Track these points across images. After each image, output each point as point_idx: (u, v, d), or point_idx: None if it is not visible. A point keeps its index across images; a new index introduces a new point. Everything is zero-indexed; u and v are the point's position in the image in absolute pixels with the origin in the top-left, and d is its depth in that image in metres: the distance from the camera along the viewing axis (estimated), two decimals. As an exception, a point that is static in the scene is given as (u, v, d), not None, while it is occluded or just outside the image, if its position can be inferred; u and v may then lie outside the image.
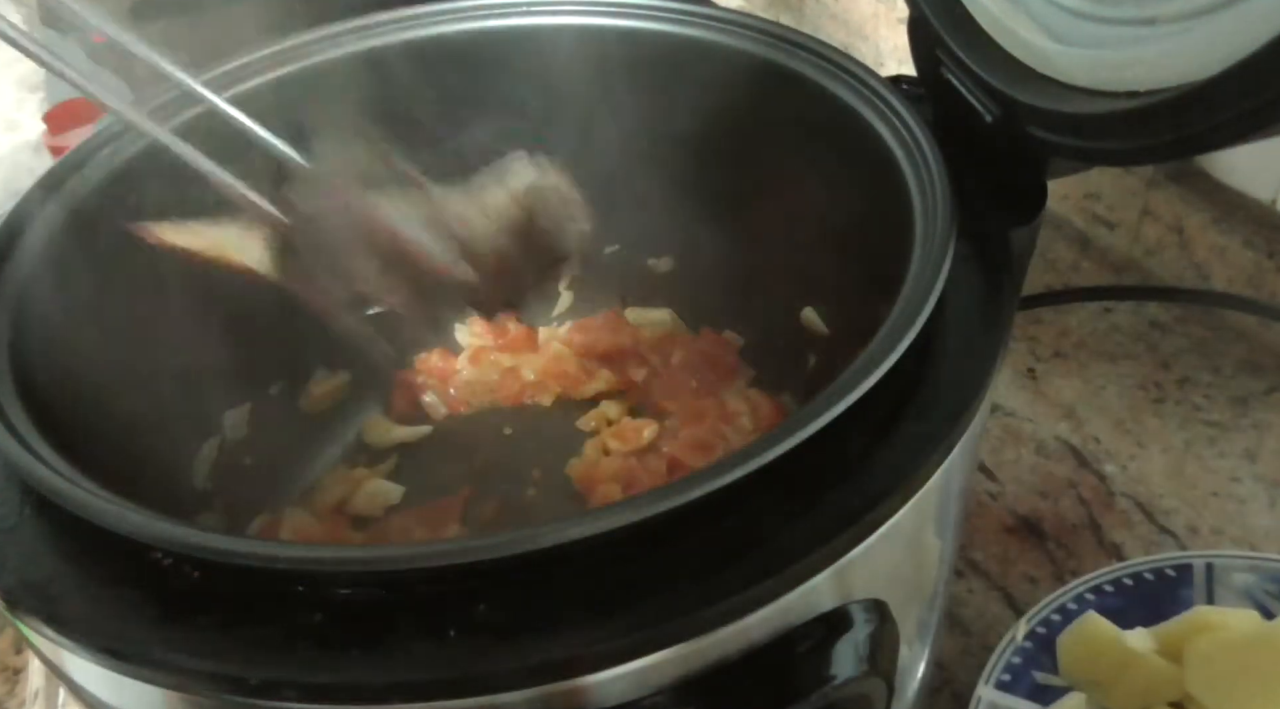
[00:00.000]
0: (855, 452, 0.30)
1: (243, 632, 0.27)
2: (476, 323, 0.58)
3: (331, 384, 0.55)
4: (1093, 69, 0.35)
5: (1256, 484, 0.61)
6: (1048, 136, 0.36)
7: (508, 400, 0.57)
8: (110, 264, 0.41)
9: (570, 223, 0.44)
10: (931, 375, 0.32)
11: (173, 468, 0.46)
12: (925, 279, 0.32)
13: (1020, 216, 0.38)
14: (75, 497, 0.28)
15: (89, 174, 0.41)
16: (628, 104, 0.50)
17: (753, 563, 0.27)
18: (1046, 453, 0.64)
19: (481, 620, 0.26)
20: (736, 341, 0.56)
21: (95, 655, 0.27)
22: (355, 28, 0.48)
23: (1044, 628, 0.49)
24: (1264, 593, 0.50)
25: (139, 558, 0.28)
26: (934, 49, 0.41)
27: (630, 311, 0.58)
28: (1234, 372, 0.68)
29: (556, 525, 0.26)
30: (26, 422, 0.31)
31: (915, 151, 0.38)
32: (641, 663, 0.26)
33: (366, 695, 0.26)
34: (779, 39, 0.45)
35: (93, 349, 0.39)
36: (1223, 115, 0.28)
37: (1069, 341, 0.71)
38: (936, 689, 0.52)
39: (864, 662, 0.29)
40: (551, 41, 0.49)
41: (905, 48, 0.44)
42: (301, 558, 0.26)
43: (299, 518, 0.50)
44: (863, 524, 0.28)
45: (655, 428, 0.53)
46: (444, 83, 0.50)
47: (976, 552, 0.58)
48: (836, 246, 0.46)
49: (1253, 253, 0.67)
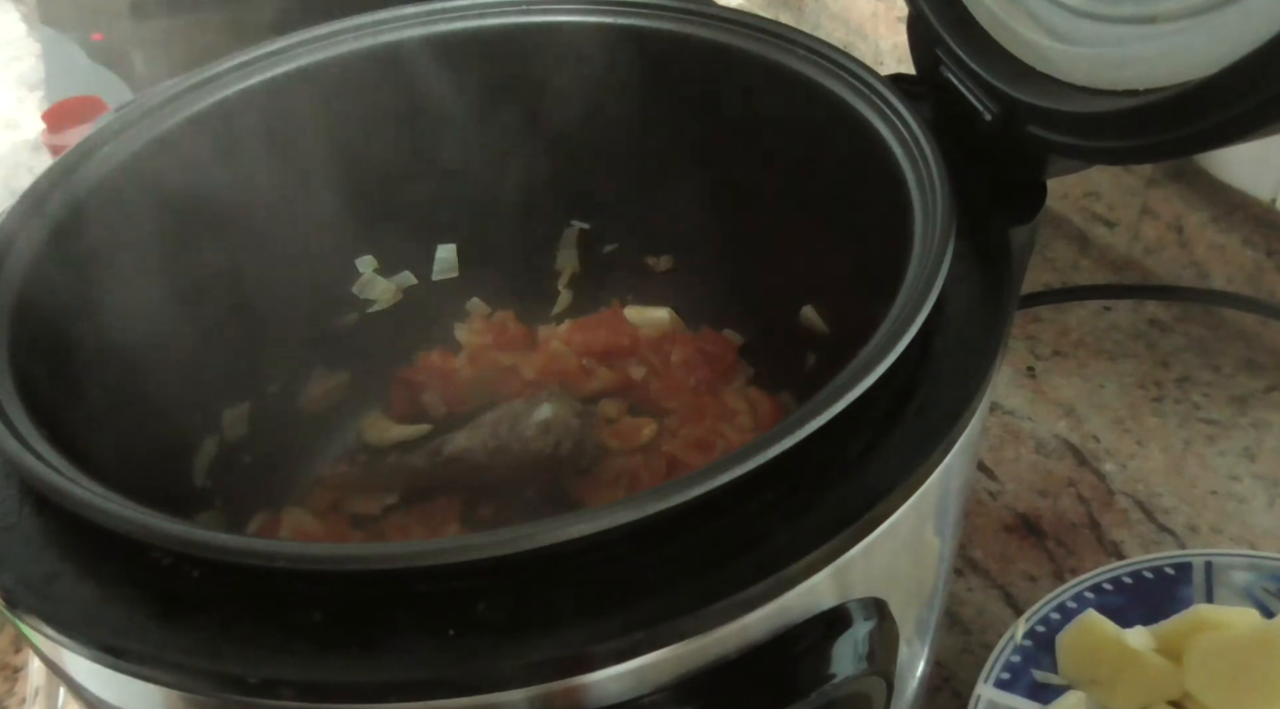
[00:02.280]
0: (855, 450, 0.30)
1: (242, 630, 0.27)
2: (476, 321, 0.58)
3: (331, 383, 0.55)
4: (1092, 67, 0.35)
5: (1256, 483, 0.61)
6: (1047, 135, 0.36)
7: (507, 399, 0.57)
8: (110, 263, 0.41)
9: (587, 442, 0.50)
10: (931, 374, 0.32)
11: (172, 466, 0.46)
12: (924, 277, 0.32)
13: (1019, 215, 0.38)
14: (75, 495, 0.28)
15: (89, 172, 0.41)
16: (626, 102, 0.50)
17: (752, 561, 0.27)
18: (1046, 451, 0.64)
19: (481, 619, 0.26)
20: (736, 340, 0.56)
21: (95, 654, 0.27)
22: (355, 27, 0.48)
23: (1043, 626, 0.49)
24: (1263, 591, 0.50)
25: (138, 557, 0.28)
26: (933, 47, 0.41)
27: (630, 310, 0.58)
28: (1233, 370, 0.68)
29: (555, 524, 0.26)
30: (26, 421, 0.31)
31: (914, 150, 0.38)
32: (641, 661, 0.26)
33: (365, 694, 0.26)
34: (778, 37, 0.45)
35: (92, 348, 0.39)
36: (1222, 114, 0.28)
37: (1068, 340, 0.71)
38: (936, 688, 0.52)
39: (863, 660, 0.29)
40: (550, 39, 0.49)
41: (905, 46, 0.44)
42: (301, 556, 0.26)
43: (298, 517, 0.50)
44: (862, 523, 0.28)
45: (654, 427, 0.53)
46: (444, 82, 0.50)
47: (976, 550, 0.58)
48: (836, 245, 0.46)
49: (1252, 251, 0.67)
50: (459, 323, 0.58)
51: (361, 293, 0.55)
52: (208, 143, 0.44)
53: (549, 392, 0.51)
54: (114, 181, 0.41)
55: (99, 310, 0.40)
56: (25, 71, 1.01)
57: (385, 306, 0.55)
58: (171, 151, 0.43)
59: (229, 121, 0.45)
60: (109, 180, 0.41)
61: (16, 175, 0.89)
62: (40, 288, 0.37)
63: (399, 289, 0.56)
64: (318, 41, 0.47)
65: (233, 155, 0.45)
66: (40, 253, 0.38)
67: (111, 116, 0.43)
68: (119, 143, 0.42)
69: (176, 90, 0.44)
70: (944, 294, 0.33)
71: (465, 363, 0.57)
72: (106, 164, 0.41)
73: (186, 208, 0.44)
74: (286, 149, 0.47)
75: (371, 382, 0.56)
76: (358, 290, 0.54)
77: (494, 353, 0.57)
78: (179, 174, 0.43)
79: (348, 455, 0.55)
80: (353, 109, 0.49)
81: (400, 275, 0.56)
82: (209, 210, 0.45)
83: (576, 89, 0.50)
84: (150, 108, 0.43)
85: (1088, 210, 0.78)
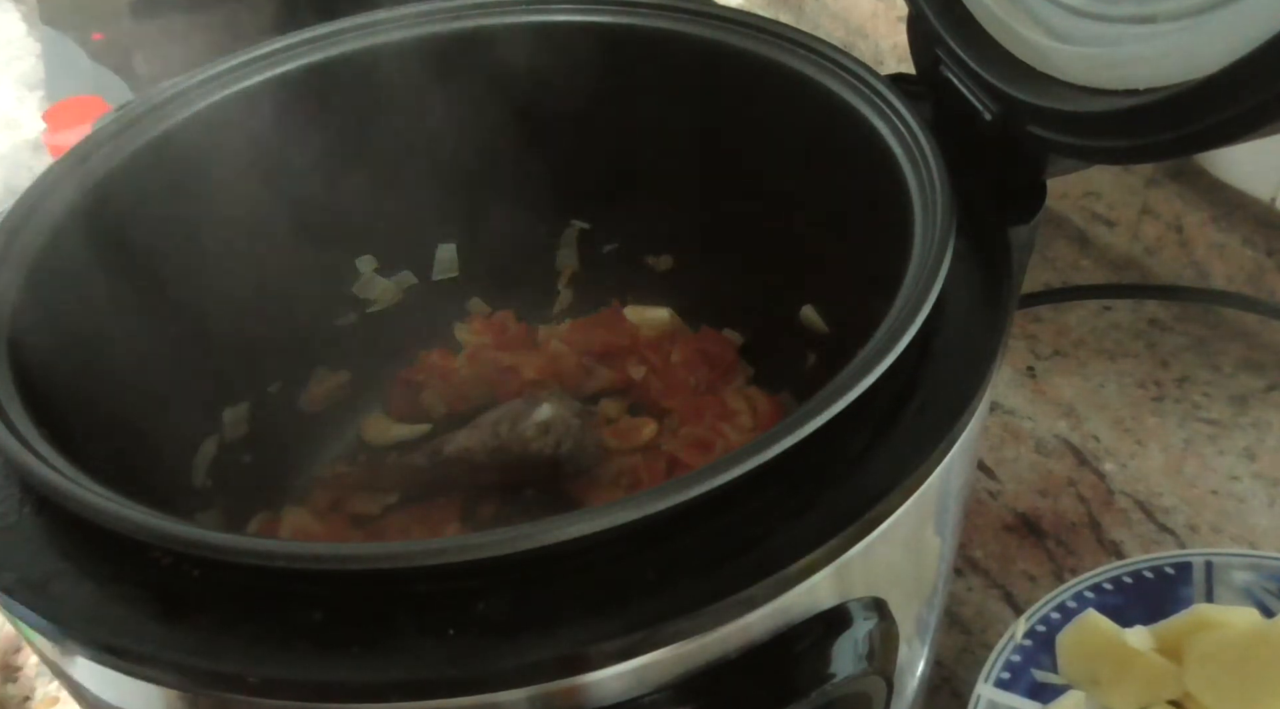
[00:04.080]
0: (854, 450, 0.30)
1: (242, 630, 0.27)
2: (476, 321, 0.58)
3: (331, 383, 0.55)
4: (1092, 67, 0.35)
5: (1256, 482, 0.61)
6: (1047, 134, 0.36)
7: (507, 399, 0.57)
8: (110, 263, 0.41)
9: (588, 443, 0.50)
10: (930, 373, 0.32)
11: (172, 466, 0.46)
12: (924, 277, 0.32)
13: (1019, 214, 0.38)
14: (75, 495, 0.28)
15: (89, 172, 0.41)
16: (626, 102, 0.50)
17: (752, 561, 0.27)
18: (1046, 451, 0.64)
19: (481, 618, 0.26)
20: (736, 340, 0.56)
21: (95, 654, 0.27)
22: (356, 26, 0.48)
23: (1043, 626, 0.49)
24: (1263, 591, 0.50)
25: (138, 556, 0.28)
26: (933, 47, 0.41)
27: (629, 310, 0.58)
28: (1233, 370, 0.68)
29: (555, 524, 0.26)
30: (26, 420, 0.31)
31: (914, 149, 0.38)
32: (641, 661, 0.26)
33: (366, 694, 0.26)
34: (778, 37, 0.45)
35: (92, 347, 0.39)
36: (1222, 113, 0.28)
37: (1068, 340, 0.71)
38: (936, 687, 0.52)
39: (863, 660, 0.29)
40: (549, 39, 0.49)
41: (905, 46, 0.44)
42: (301, 556, 0.26)
43: (298, 516, 0.50)
44: (862, 522, 0.28)
45: (654, 426, 0.53)
46: (444, 81, 0.50)
47: (976, 550, 0.58)
48: (835, 245, 0.46)
49: (1252, 251, 0.67)
50: (459, 322, 0.58)
51: (361, 293, 0.55)
52: (208, 142, 0.44)
53: (549, 391, 0.51)
54: (114, 181, 0.41)
55: (99, 310, 0.40)
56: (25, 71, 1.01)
57: (385, 306, 0.55)
58: (171, 151, 0.43)
59: (229, 121, 0.45)
60: (109, 180, 0.41)
61: (16, 175, 0.89)
62: (41, 287, 0.37)
63: (399, 289, 0.56)
64: (318, 41, 0.47)
65: (233, 155, 0.45)
66: (41, 252, 0.38)
67: (111, 116, 0.43)
68: (119, 143, 0.42)
69: (176, 90, 0.44)
70: (944, 294, 0.33)
71: (465, 363, 0.57)
72: (107, 164, 0.41)
73: (186, 207, 0.44)
74: (286, 149, 0.47)
75: (371, 382, 0.56)
76: (358, 290, 0.55)
77: (494, 353, 0.57)
78: (179, 173, 0.44)
79: (348, 455, 0.55)
80: (353, 108, 0.49)
81: (400, 275, 0.56)
82: (209, 210, 0.45)
83: (576, 89, 0.50)
84: (150, 108, 0.43)
85: (1088, 210, 0.78)
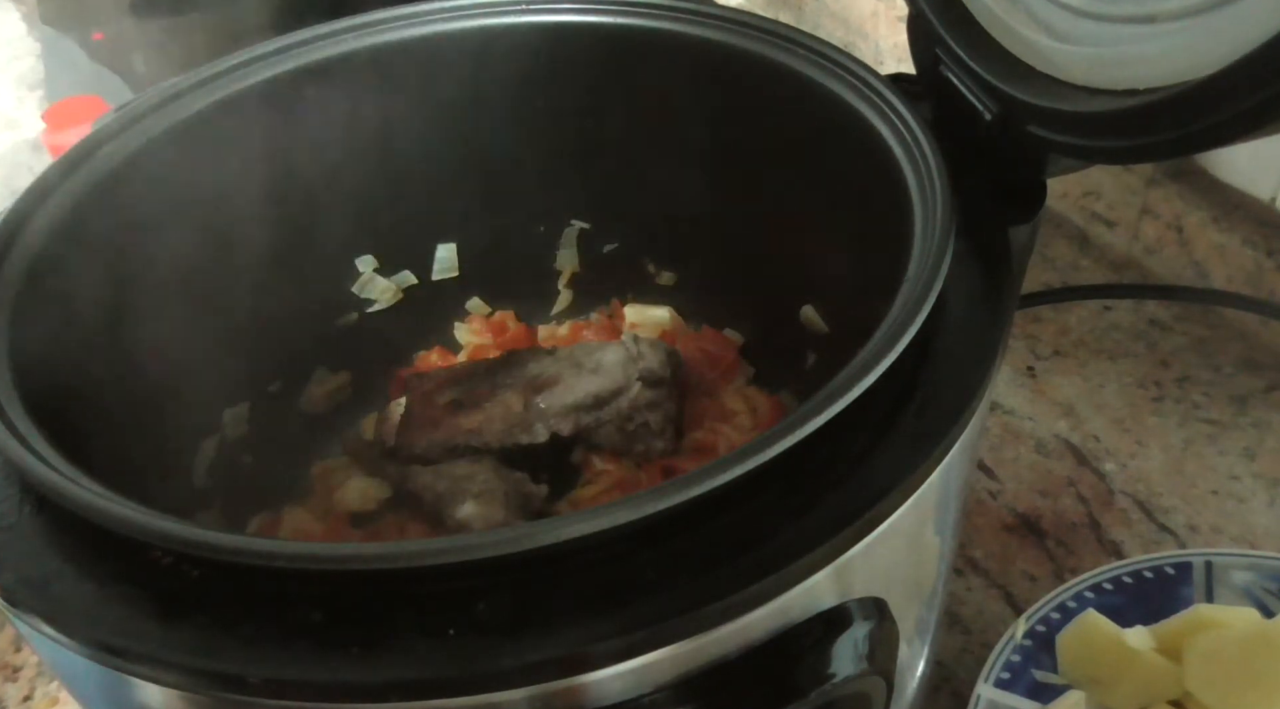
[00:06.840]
0: (855, 450, 0.30)
1: (242, 630, 0.27)
2: (476, 321, 0.58)
3: (331, 383, 0.55)
4: (1092, 67, 0.35)
5: (1256, 482, 0.61)
6: (1047, 134, 0.36)
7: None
8: (110, 263, 0.41)
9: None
10: (931, 373, 0.32)
11: (172, 466, 0.46)
12: (924, 277, 0.32)
13: (1019, 214, 0.38)
14: (75, 495, 0.28)
15: (88, 172, 0.41)
16: (627, 102, 0.50)
17: (752, 561, 0.27)
18: (1046, 451, 0.64)
19: (481, 619, 0.26)
20: (736, 339, 0.56)
21: (94, 653, 0.27)
22: (356, 26, 0.48)
23: (1043, 626, 0.49)
24: (1263, 591, 0.50)
25: (138, 556, 0.28)
26: (933, 47, 0.41)
27: (630, 310, 0.58)
28: (1233, 370, 0.68)
29: (555, 524, 0.26)
30: (26, 421, 0.31)
31: (914, 149, 0.38)
32: (641, 661, 0.26)
33: (365, 694, 0.26)
34: (778, 37, 0.45)
35: (92, 348, 0.39)
36: (1222, 113, 0.28)
37: (1068, 340, 0.71)
38: (936, 687, 0.52)
39: (863, 660, 0.29)
40: (550, 39, 0.49)
41: (905, 46, 0.44)
42: (300, 556, 0.26)
43: (298, 516, 0.50)
44: (862, 522, 0.28)
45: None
46: (444, 82, 0.50)
47: (976, 550, 0.58)
48: (836, 244, 0.46)
49: (1252, 251, 0.67)
50: (459, 322, 0.58)
51: (361, 293, 0.55)
52: (208, 142, 0.44)
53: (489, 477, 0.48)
54: (114, 181, 0.41)
55: (99, 310, 0.40)
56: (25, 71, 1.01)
57: (385, 306, 0.55)
58: (171, 151, 0.43)
59: (229, 121, 0.45)
60: (109, 180, 0.41)
61: (16, 175, 0.89)
62: (41, 287, 0.37)
63: (399, 289, 0.56)
64: (317, 41, 0.47)
65: (232, 155, 0.45)
66: (41, 252, 0.38)
67: (111, 116, 0.43)
68: (119, 143, 0.42)
69: (176, 90, 0.44)
70: (944, 294, 0.33)
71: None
72: (107, 164, 0.41)
73: (186, 207, 0.44)
74: (286, 149, 0.47)
75: (371, 382, 0.56)
76: (358, 290, 0.55)
77: (494, 352, 0.57)
78: (179, 173, 0.43)
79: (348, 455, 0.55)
80: (353, 108, 0.49)
81: (400, 275, 0.56)
82: (208, 210, 0.45)
83: (577, 88, 0.50)
84: (150, 108, 0.43)
85: (1088, 210, 0.78)
